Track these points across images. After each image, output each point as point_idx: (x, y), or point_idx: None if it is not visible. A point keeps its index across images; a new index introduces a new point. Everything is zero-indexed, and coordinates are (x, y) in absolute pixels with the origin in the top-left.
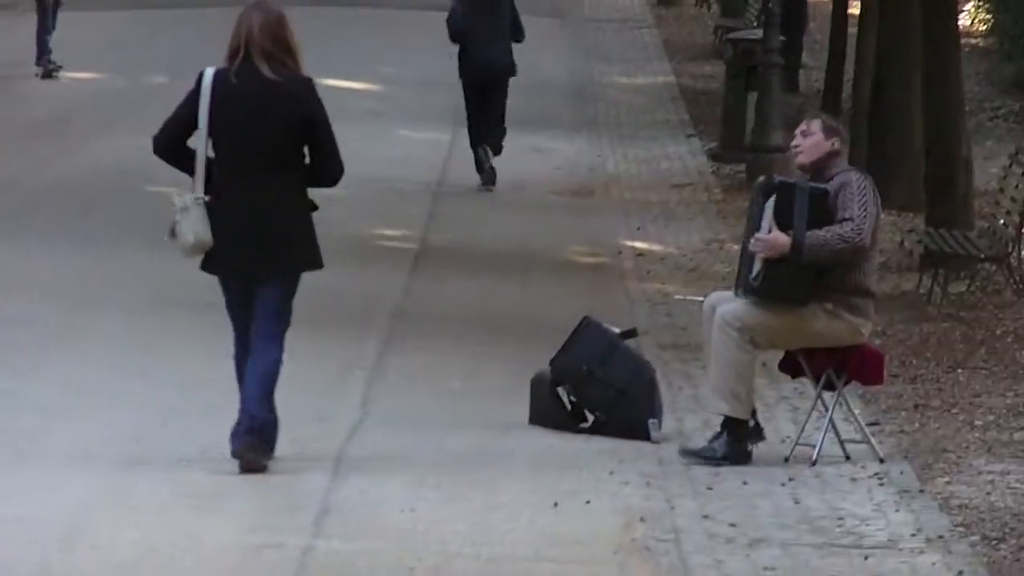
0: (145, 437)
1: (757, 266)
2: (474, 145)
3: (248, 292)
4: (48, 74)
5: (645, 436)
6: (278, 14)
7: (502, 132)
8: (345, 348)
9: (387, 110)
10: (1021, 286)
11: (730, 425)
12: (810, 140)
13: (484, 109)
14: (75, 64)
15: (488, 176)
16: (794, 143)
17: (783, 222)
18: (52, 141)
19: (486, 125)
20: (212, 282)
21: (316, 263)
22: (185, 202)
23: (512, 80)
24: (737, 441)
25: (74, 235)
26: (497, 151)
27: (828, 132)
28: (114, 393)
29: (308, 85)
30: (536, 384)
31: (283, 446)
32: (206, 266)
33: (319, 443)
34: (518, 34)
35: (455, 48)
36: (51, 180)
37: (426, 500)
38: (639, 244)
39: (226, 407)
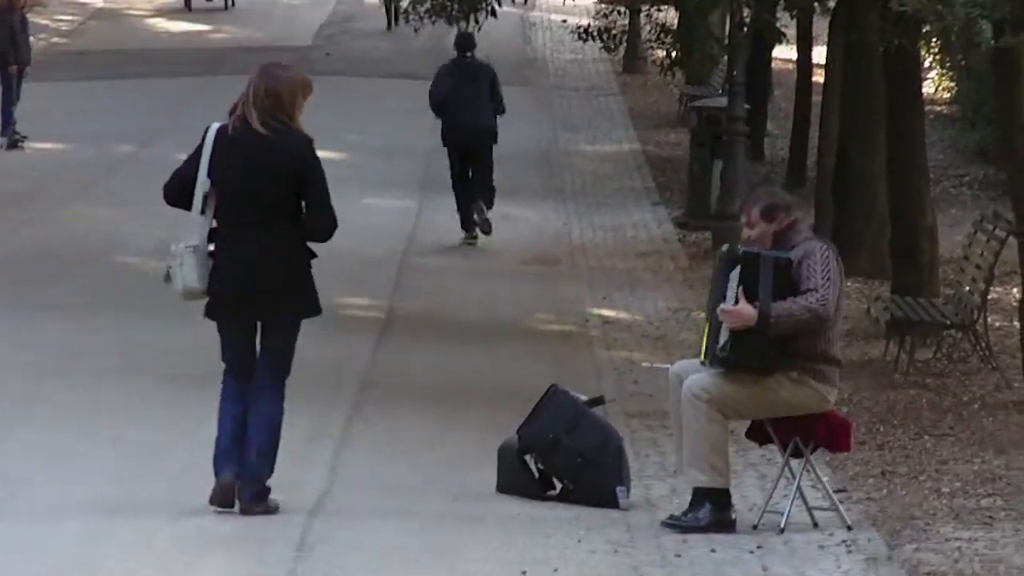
0: (112, 505)
1: (724, 336)
2: (461, 205)
3: (247, 340)
4: (13, 145)
5: (613, 504)
6: (286, 77)
7: (492, 191)
8: (313, 417)
9: (353, 178)
10: (987, 353)
11: (711, 495)
12: (756, 231)
13: (467, 175)
14: (41, 135)
15: (484, 226)
16: (744, 234)
17: (748, 292)
18: (18, 211)
19: (470, 189)
20: (178, 350)
21: (314, 310)
22: (179, 250)
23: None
24: (721, 510)
25: (40, 304)
26: (490, 205)
27: (768, 216)
28: (81, 461)
29: (303, 141)
30: (503, 452)
31: (251, 514)
32: (208, 312)
33: (287, 511)
34: (499, 106)
35: (419, 115)
36: (17, 249)
37: (394, 568)
38: (605, 312)
39: (192, 475)
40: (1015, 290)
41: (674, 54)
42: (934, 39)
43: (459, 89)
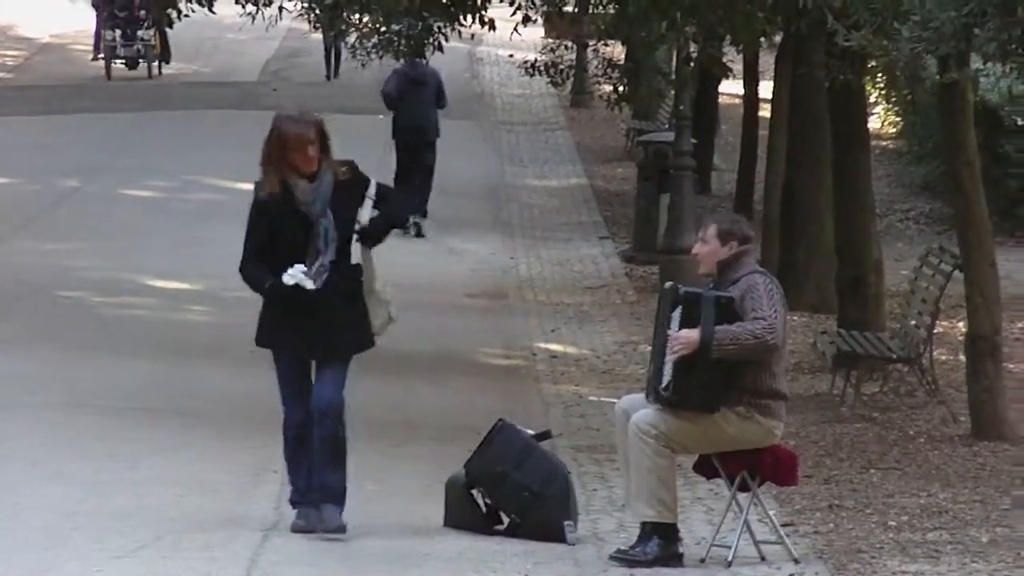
0: (56, 541)
1: (667, 376)
2: None
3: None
4: None
5: (560, 538)
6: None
7: (428, 188)
8: (257, 451)
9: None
10: (933, 387)
11: (659, 529)
12: (707, 248)
13: (410, 167)
14: None
15: (415, 229)
16: (694, 250)
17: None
18: None
19: (409, 182)
20: (121, 385)
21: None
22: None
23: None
24: (668, 543)
25: None
26: (423, 209)
27: (723, 237)
28: (24, 496)
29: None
30: (451, 486)
31: (195, 550)
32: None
33: (232, 547)
34: (441, 102)
35: (366, 150)
36: None
37: None
38: (553, 346)
39: (138, 512)
40: (960, 324)
41: (621, 89)
42: (880, 74)
43: (408, 91)
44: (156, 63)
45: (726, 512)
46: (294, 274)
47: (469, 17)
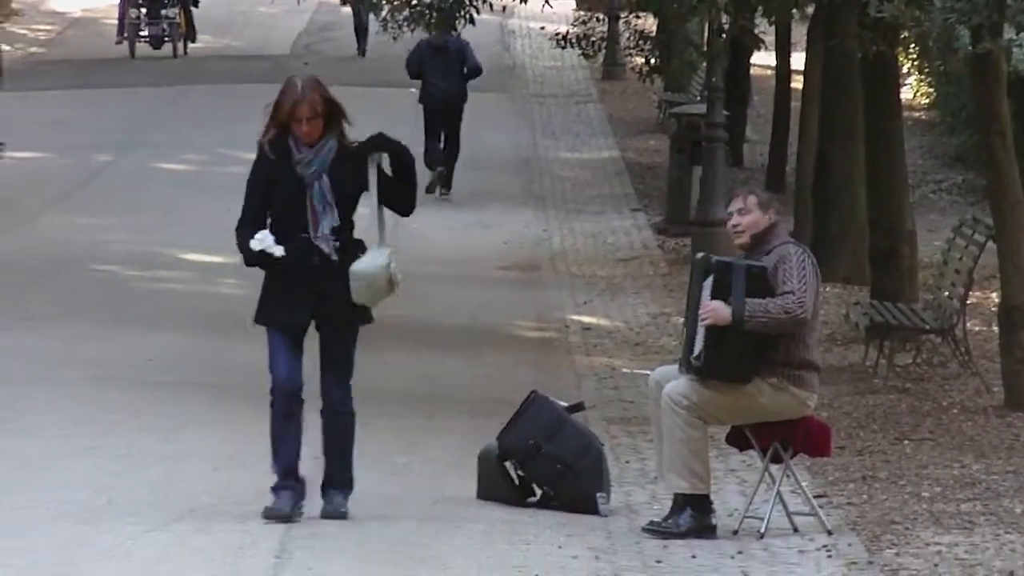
0: (90, 514)
1: (699, 346)
2: (428, 164)
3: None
4: None
5: (593, 510)
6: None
7: (455, 154)
8: None
9: None
10: (966, 358)
11: (692, 501)
12: (749, 218)
13: (437, 133)
14: (18, 144)
15: (441, 179)
16: (733, 223)
17: (722, 300)
18: None
19: (438, 148)
20: (155, 358)
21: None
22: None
23: (460, 156)
24: (701, 515)
25: (18, 313)
26: (448, 186)
27: (764, 206)
28: (56, 470)
29: None
30: (483, 459)
31: (229, 521)
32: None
33: (264, 519)
34: (467, 68)
35: (399, 122)
36: None
37: (373, 575)
38: (586, 318)
39: (170, 484)
40: (994, 295)
41: (653, 61)
42: (912, 45)
43: (432, 59)
44: (181, 42)
45: (759, 483)
46: (261, 238)
47: None
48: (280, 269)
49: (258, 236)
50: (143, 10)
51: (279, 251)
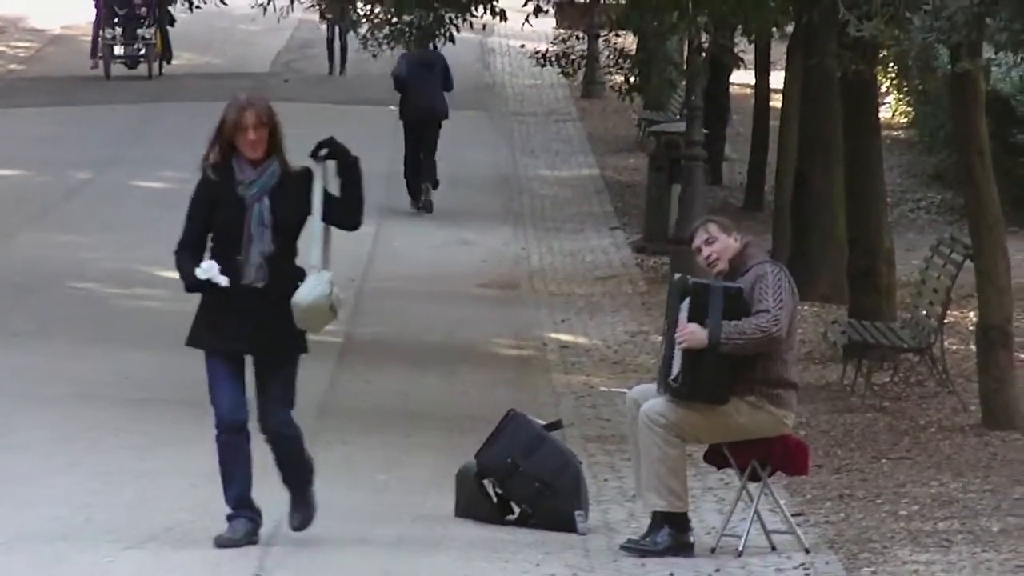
0: (69, 532)
1: (676, 367)
2: (408, 176)
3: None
4: None
5: (571, 528)
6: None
7: (434, 165)
8: (265, 443)
9: None
10: (944, 377)
11: (670, 519)
12: (717, 245)
13: (419, 147)
14: None
15: (426, 206)
16: (704, 256)
17: (699, 322)
18: None
19: (420, 161)
20: (133, 376)
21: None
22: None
23: (439, 172)
24: (679, 533)
25: None
26: (435, 186)
27: (726, 229)
28: (37, 487)
29: None
30: (462, 477)
31: (206, 541)
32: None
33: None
34: (448, 84)
35: (377, 141)
36: None
37: None
38: (564, 336)
39: (148, 502)
40: (972, 314)
41: (632, 79)
42: (891, 64)
43: (416, 73)
44: (157, 62)
45: (736, 502)
46: (207, 268)
47: (480, 8)
48: (216, 295)
49: (203, 266)
50: (118, 30)
51: (224, 281)
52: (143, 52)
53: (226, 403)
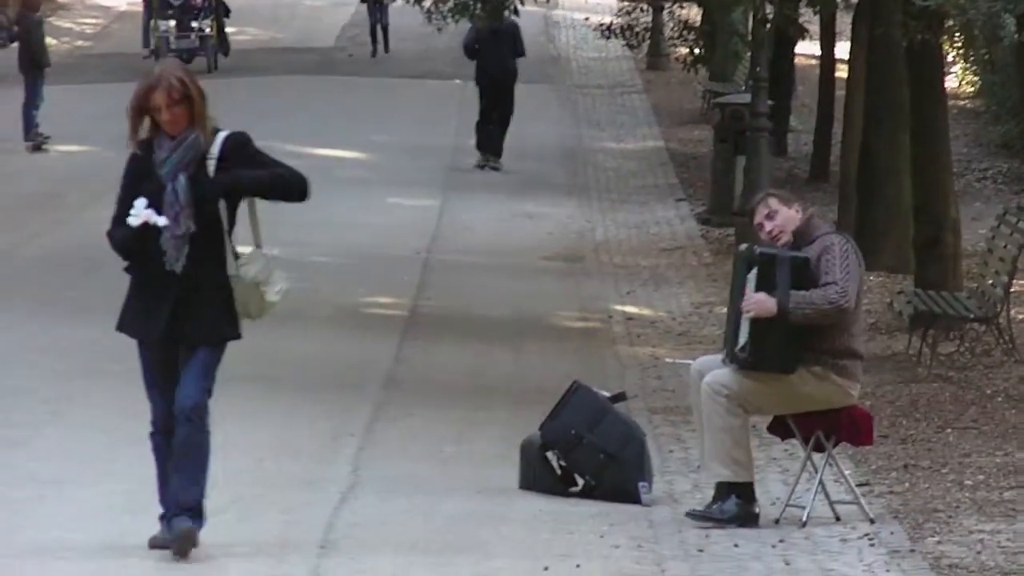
0: (136, 507)
1: (743, 337)
2: (480, 132)
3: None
4: (38, 147)
5: (635, 499)
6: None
7: (504, 129)
8: (336, 415)
9: (377, 178)
10: (1010, 346)
11: (735, 489)
12: (779, 218)
13: (491, 110)
14: (64, 137)
15: (493, 160)
16: (767, 230)
17: (767, 292)
18: (43, 213)
19: (492, 134)
20: None
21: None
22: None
23: (504, 146)
24: (744, 504)
25: (67, 306)
26: (498, 155)
27: (786, 201)
28: (109, 463)
29: None
30: (526, 449)
31: (273, 513)
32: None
33: (310, 509)
34: (519, 49)
35: (442, 114)
36: (43, 252)
37: (418, 565)
38: (629, 308)
39: (216, 475)
40: None
41: (697, 51)
42: (957, 33)
43: (487, 39)
44: (214, 56)
45: (801, 472)
46: (137, 212)
47: None
48: (140, 278)
49: (132, 212)
50: (172, 22)
51: (162, 221)
52: (200, 45)
53: (160, 406)
